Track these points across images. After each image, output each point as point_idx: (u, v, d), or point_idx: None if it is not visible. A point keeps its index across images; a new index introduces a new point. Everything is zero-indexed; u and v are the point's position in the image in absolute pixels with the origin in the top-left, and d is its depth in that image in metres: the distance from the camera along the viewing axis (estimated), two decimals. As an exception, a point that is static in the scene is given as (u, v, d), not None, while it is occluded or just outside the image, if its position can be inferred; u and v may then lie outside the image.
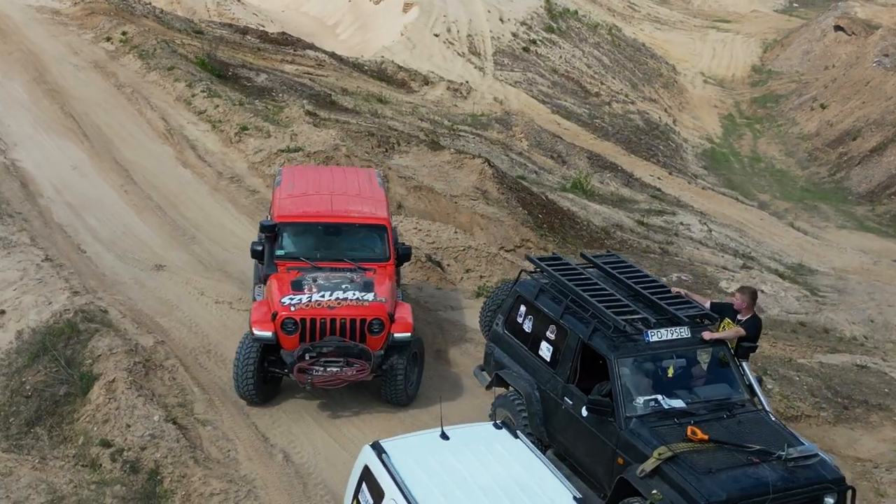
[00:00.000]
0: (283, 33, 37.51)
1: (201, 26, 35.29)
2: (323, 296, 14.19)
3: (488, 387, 13.92)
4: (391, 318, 14.21)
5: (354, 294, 14.26)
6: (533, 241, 23.19)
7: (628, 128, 40.21)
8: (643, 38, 52.97)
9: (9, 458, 13.63)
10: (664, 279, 24.90)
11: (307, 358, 13.87)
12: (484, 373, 14.17)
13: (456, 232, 21.40)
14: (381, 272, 15.02)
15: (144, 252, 19.25)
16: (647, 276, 13.34)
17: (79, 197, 21.23)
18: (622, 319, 11.84)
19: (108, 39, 29.63)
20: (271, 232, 15.22)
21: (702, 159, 41.50)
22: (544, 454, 12.80)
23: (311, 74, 32.75)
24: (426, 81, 37.07)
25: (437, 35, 41.60)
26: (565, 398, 12.27)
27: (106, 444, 13.51)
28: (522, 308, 13.42)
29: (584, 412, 11.79)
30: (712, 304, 13.15)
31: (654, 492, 10.53)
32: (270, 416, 14.40)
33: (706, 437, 10.89)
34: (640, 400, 11.53)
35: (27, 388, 14.76)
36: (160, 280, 18.22)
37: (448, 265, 20.47)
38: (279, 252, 15.20)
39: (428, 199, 23.86)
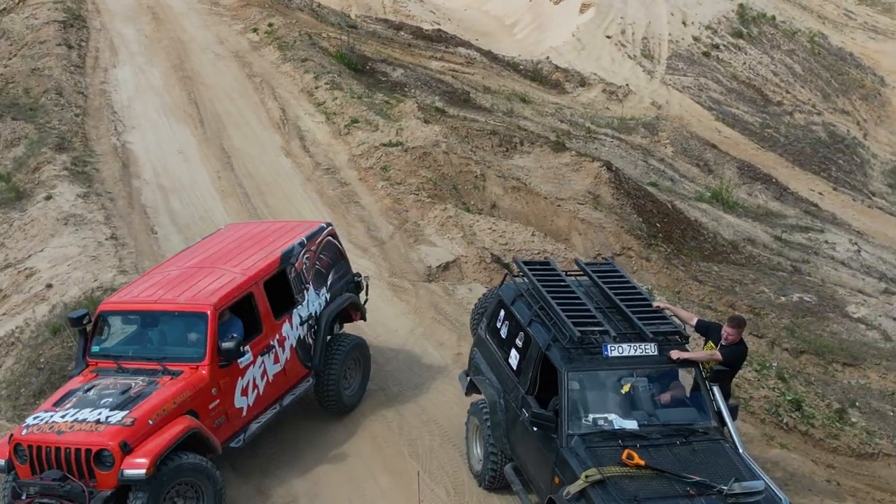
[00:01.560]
0: (439, 30, 37.51)
1: (356, 21, 35.75)
2: (67, 414, 11.32)
3: (467, 392, 13.40)
4: (125, 448, 10.88)
5: (101, 413, 11.23)
6: (635, 250, 22.26)
7: (806, 139, 37.88)
8: (852, 47, 49.81)
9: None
10: (782, 298, 23.50)
11: (24, 497, 11.13)
12: (468, 378, 13.59)
13: (534, 234, 20.73)
14: (183, 378, 11.82)
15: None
16: (633, 288, 12.52)
17: (173, 180, 21.90)
18: (579, 331, 11.12)
19: (255, 30, 30.45)
20: (79, 325, 12.68)
21: (890, 176, 38.66)
22: (503, 468, 12.31)
23: (457, 72, 32.57)
24: (583, 83, 36.17)
25: (609, 37, 40.53)
26: (523, 409, 11.52)
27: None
28: (502, 313, 12.84)
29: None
30: (699, 321, 12.34)
31: None
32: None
33: (642, 462, 10.13)
34: (588, 417, 10.81)
35: (42, 361, 15.33)
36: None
37: (517, 267, 19.88)
38: (94, 348, 12.57)
39: (525, 200, 23.31)
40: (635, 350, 11.10)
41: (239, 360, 12.24)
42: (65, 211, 19.35)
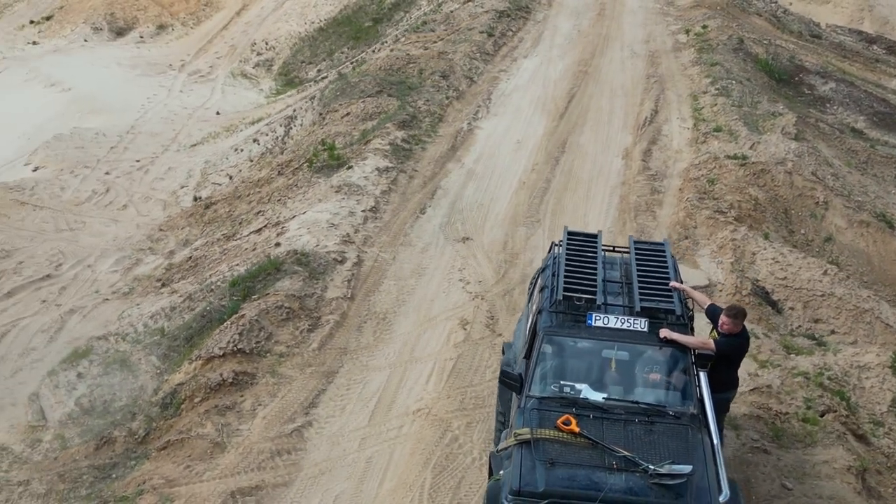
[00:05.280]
0: (924, 45, 32.63)
1: (821, 31, 32.38)
2: None
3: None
4: None
5: None
6: None
7: None
8: None
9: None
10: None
11: None
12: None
13: (829, 274, 17.72)
14: None
15: (472, 224, 19.50)
16: (663, 267, 11.77)
17: (487, 167, 21.99)
18: (563, 294, 10.90)
19: (688, 31, 29.12)
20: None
21: None
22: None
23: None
24: None
25: None
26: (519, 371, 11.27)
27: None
28: (539, 279, 12.63)
29: None
30: (709, 306, 11.79)
31: (502, 472, 9.84)
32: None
33: (577, 430, 9.83)
34: (556, 383, 10.51)
35: (207, 309, 16.60)
36: (447, 250, 18.44)
37: (790, 308, 17.27)
38: None
39: (874, 238, 20.11)
40: (622, 323, 10.72)
41: None
42: (349, 181, 20.37)
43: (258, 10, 41.26)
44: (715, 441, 10.13)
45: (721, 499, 9.47)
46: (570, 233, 12.46)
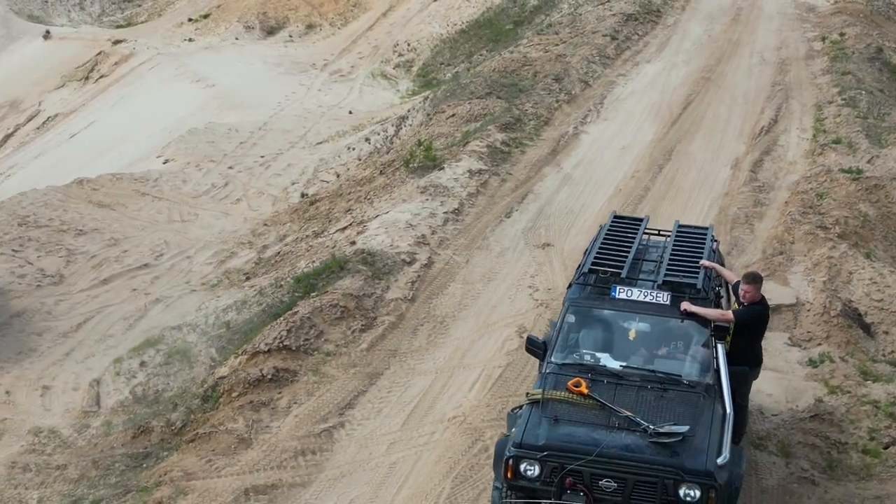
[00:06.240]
0: None
1: None
2: None
3: None
4: None
5: None
6: None
7: None
8: None
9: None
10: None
11: None
12: None
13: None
14: None
15: (557, 230, 19.02)
16: (699, 247, 12.09)
17: (586, 172, 21.43)
18: (590, 268, 11.40)
19: (824, 39, 27.65)
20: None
21: None
22: None
23: None
24: None
25: None
26: None
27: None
28: None
29: None
30: (737, 282, 11.83)
31: (513, 429, 10.22)
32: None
33: (586, 391, 10.16)
34: (578, 352, 10.90)
35: (270, 305, 16.69)
36: (524, 255, 18.04)
37: (883, 332, 16.18)
38: None
39: None
40: (645, 296, 11.02)
41: None
42: (437, 182, 20.15)
43: (404, 11, 41.56)
44: (728, 411, 10.23)
45: (719, 461, 9.56)
46: (615, 216, 13.03)
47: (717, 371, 10.59)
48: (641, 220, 13.01)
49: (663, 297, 11.01)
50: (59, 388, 15.75)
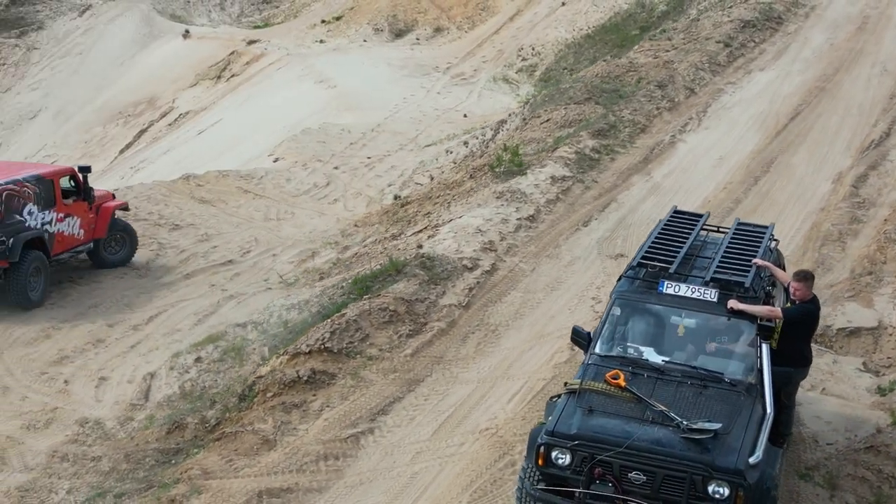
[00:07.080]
0: None
1: None
2: None
3: None
4: None
5: None
6: None
7: None
8: None
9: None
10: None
11: None
12: None
13: None
14: None
15: (634, 241, 18.36)
16: (755, 246, 11.89)
17: (676, 182, 20.77)
18: (639, 262, 11.35)
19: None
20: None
21: None
22: None
23: None
24: None
25: None
26: None
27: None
28: None
29: None
30: (789, 283, 11.64)
31: (550, 418, 10.25)
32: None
33: (623, 384, 10.22)
34: (622, 345, 10.92)
35: (325, 305, 16.59)
36: (594, 266, 17.51)
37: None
38: None
39: None
40: (692, 292, 10.91)
41: None
42: (516, 187, 19.74)
43: (531, 16, 41.16)
44: (768, 411, 10.13)
45: (751, 460, 9.46)
46: (675, 211, 12.97)
47: (761, 370, 10.47)
48: (701, 215, 12.89)
49: (710, 294, 10.88)
50: (115, 380, 15.93)
